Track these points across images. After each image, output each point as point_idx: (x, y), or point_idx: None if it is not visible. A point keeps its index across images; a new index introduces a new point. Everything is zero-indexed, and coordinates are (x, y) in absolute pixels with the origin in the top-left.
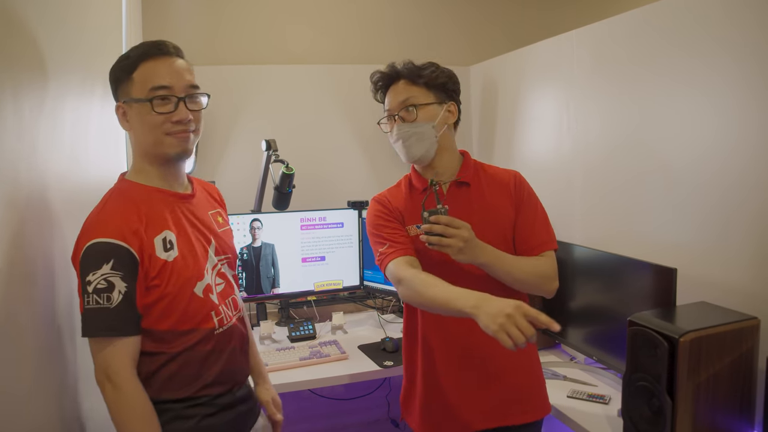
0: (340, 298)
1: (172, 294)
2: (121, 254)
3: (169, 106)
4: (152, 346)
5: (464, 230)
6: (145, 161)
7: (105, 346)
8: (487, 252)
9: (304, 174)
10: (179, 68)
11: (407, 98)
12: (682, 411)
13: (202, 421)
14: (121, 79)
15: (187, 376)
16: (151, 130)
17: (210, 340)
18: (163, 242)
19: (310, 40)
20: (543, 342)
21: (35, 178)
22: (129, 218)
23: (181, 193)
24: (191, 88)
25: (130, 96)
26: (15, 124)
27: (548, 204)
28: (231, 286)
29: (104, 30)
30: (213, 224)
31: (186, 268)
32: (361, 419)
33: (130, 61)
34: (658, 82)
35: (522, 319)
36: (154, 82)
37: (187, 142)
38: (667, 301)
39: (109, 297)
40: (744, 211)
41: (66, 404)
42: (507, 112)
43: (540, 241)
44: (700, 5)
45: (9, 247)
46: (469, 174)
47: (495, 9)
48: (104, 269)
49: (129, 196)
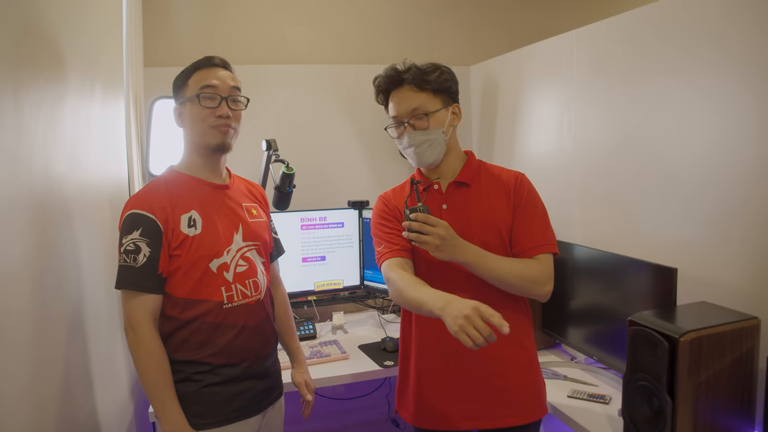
0: (341, 297)
1: (188, 264)
2: (149, 224)
3: (213, 102)
4: (170, 311)
5: (440, 228)
6: (192, 154)
7: (129, 299)
8: (468, 251)
9: (304, 174)
10: (225, 75)
11: (417, 106)
12: (683, 410)
13: (206, 387)
14: (179, 86)
15: (195, 342)
16: (199, 122)
17: (218, 313)
18: (188, 220)
19: (310, 41)
20: (544, 342)
21: (35, 177)
22: (159, 196)
23: (217, 183)
24: (234, 89)
25: (184, 96)
26: (14, 123)
27: (548, 204)
28: (255, 270)
29: (104, 30)
30: (245, 214)
31: (204, 245)
32: (361, 419)
33: (188, 70)
34: (658, 82)
35: (479, 320)
36: (204, 82)
37: (226, 136)
38: (667, 301)
39: (135, 258)
40: (744, 210)
41: (66, 403)
42: (507, 112)
43: (535, 243)
44: (699, 5)
45: (9, 247)
46: (470, 174)
47: (495, 9)
48: (134, 234)
49: (165, 181)
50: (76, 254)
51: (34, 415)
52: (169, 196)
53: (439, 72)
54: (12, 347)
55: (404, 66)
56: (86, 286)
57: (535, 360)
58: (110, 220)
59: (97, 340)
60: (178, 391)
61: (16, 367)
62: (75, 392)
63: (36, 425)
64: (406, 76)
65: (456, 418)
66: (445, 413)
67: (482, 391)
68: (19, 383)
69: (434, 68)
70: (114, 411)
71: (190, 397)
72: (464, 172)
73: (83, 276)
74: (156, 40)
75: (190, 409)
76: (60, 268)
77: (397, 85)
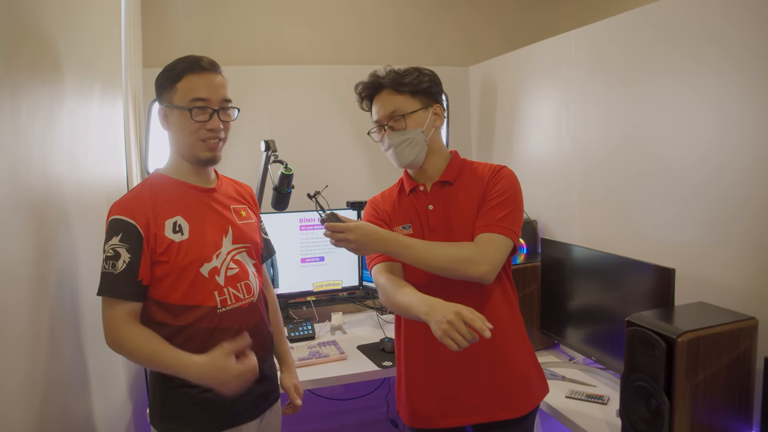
0: (339, 298)
1: (177, 270)
2: (129, 229)
3: (204, 116)
4: (164, 317)
5: (349, 233)
6: (179, 158)
7: (109, 307)
8: (388, 243)
9: (303, 174)
10: (217, 84)
11: (395, 109)
12: (680, 411)
13: (204, 393)
14: (165, 86)
15: (192, 348)
16: (189, 135)
17: (213, 318)
18: (173, 225)
19: (309, 41)
20: (542, 342)
21: (33, 178)
22: (142, 201)
23: (204, 186)
24: (225, 102)
25: (171, 102)
26: (12, 124)
27: (548, 204)
28: (246, 272)
29: (103, 30)
30: (233, 216)
31: (192, 251)
32: (360, 419)
33: (176, 72)
34: (657, 82)
35: (461, 325)
36: (195, 94)
37: (215, 150)
38: (665, 302)
39: (115, 264)
40: (743, 211)
41: (64, 403)
42: (506, 112)
43: (482, 223)
44: (698, 5)
45: (7, 247)
46: (453, 173)
47: (494, 9)
48: (114, 240)
49: (150, 185)
50: (74, 254)
51: (32, 415)
52: (153, 202)
53: (417, 74)
54: (9, 347)
55: (384, 71)
56: (84, 287)
57: (528, 352)
58: None
59: (95, 340)
60: (176, 398)
61: (14, 367)
62: (73, 392)
63: (34, 425)
64: (384, 81)
65: (449, 415)
66: (438, 411)
67: (474, 386)
68: (17, 383)
69: (413, 71)
70: (112, 411)
71: (188, 403)
72: (447, 171)
73: (81, 276)
74: (155, 40)
75: (189, 416)
76: (58, 269)
77: (377, 90)
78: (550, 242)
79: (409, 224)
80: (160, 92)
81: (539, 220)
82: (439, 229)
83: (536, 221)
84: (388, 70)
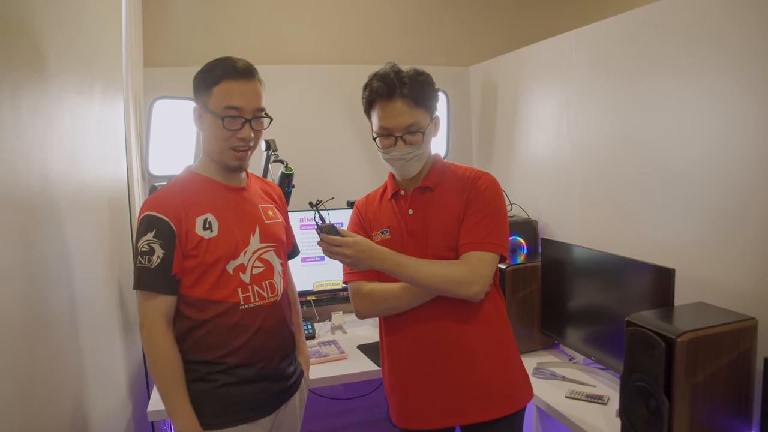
0: (340, 298)
1: (205, 265)
2: (162, 226)
3: (237, 125)
4: (186, 310)
5: (346, 249)
6: (209, 158)
7: (144, 300)
8: (385, 260)
9: (303, 174)
10: (252, 93)
11: (413, 123)
12: (680, 411)
13: (221, 387)
14: (201, 88)
15: (211, 343)
16: (220, 141)
17: (235, 314)
18: (203, 222)
19: (311, 41)
20: (542, 342)
21: (33, 177)
22: (174, 198)
23: (233, 186)
24: (258, 111)
25: (206, 106)
26: (13, 123)
27: (548, 204)
28: (272, 271)
29: (103, 30)
30: (261, 215)
31: (220, 248)
32: (360, 419)
33: (214, 76)
34: (658, 82)
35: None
36: (229, 101)
37: (244, 160)
38: (665, 302)
39: (150, 259)
40: (743, 212)
41: (64, 403)
42: (507, 112)
43: (469, 240)
44: (699, 5)
45: (6, 246)
46: (434, 178)
47: (495, 9)
48: (148, 236)
49: (182, 182)
50: (74, 254)
51: (30, 415)
52: (184, 198)
53: (432, 87)
54: (8, 347)
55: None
56: (84, 286)
57: (513, 355)
58: (108, 220)
59: (95, 340)
60: (191, 390)
61: (12, 367)
62: (72, 392)
63: (33, 425)
64: (402, 90)
65: (434, 416)
66: (424, 412)
67: (457, 388)
68: (16, 383)
69: (428, 83)
70: (112, 411)
71: (203, 397)
72: (428, 177)
73: (81, 275)
74: (156, 39)
75: (203, 410)
76: (58, 268)
77: (391, 96)
78: (550, 242)
79: (387, 228)
80: (197, 92)
81: (540, 220)
82: (417, 233)
83: (537, 221)
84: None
